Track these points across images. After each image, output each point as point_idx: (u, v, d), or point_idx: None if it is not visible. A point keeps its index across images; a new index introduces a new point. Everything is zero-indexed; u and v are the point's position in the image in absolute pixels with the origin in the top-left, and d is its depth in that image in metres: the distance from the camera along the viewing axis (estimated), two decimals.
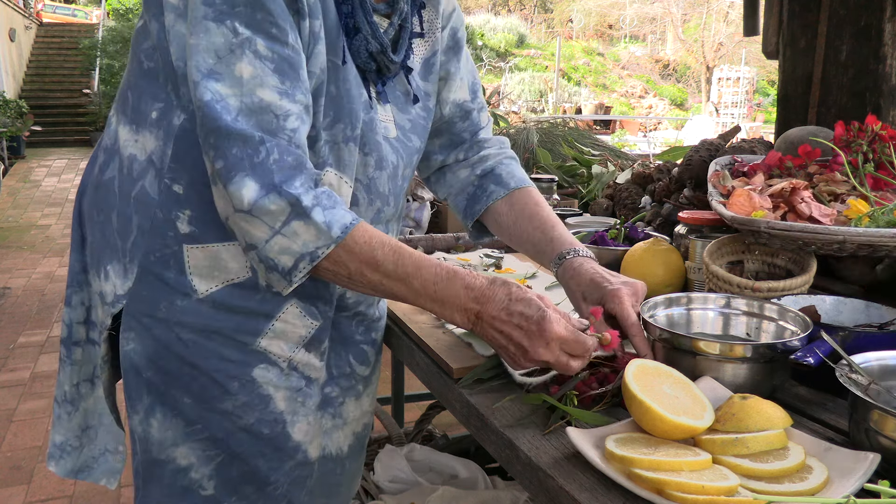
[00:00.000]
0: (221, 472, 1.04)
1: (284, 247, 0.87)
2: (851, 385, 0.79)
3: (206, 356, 0.99)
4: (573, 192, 2.45)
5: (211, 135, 0.86)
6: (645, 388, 0.80)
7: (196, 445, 1.02)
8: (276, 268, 0.89)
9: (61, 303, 5.02)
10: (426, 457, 1.94)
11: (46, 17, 19.94)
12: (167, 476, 1.03)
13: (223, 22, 0.85)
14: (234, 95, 0.85)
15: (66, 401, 1.11)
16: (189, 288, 0.98)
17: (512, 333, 0.89)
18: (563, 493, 0.75)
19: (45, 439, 3.03)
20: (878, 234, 1.09)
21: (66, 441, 1.12)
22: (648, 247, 1.40)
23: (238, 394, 1.01)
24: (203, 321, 0.98)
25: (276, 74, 0.87)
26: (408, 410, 2.79)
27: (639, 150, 6.79)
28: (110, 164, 1.02)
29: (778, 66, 2.09)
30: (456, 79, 1.23)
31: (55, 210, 8.74)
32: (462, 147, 1.28)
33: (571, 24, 29.21)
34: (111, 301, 1.00)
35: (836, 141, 1.33)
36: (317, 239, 0.87)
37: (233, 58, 0.85)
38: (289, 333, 1.03)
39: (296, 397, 1.06)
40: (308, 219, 0.86)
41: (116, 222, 1.00)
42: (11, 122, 11.27)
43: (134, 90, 0.99)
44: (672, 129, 16.95)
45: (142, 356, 1.00)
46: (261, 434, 1.04)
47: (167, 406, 1.01)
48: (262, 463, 1.05)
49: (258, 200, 0.85)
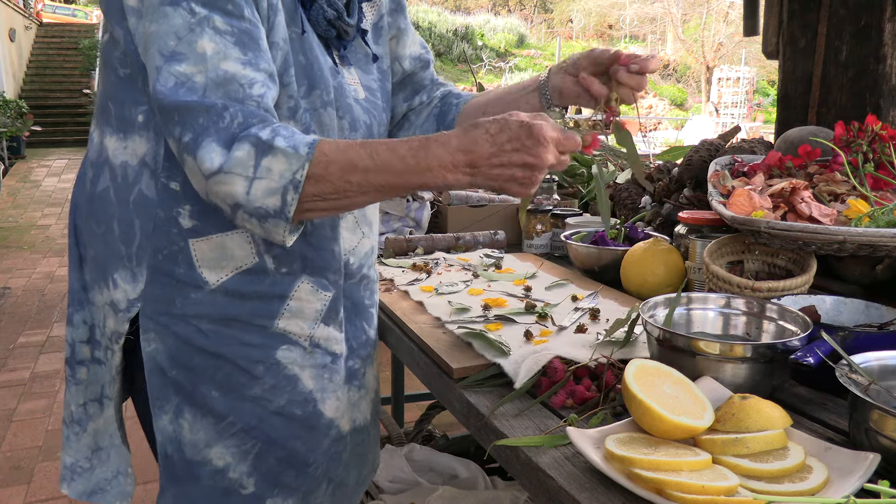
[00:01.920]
0: (259, 466, 1.05)
1: (265, 188, 0.86)
2: (851, 385, 0.79)
3: (227, 344, 1.00)
4: (573, 192, 2.45)
5: (175, 112, 0.86)
6: (645, 388, 0.80)
7: (230, 443, 1.03)
8: (269, 213, 0.88)
9: (61, 303, 5.02)
10: (426, 457, 1.94)
11: (46, 17, 19.94)
12: (205, 478, 1.04)
13: (179, 4, 0.86)
14: (200, 72, 0.86)
15: (74, 421, 1.11)
16: (200, 280, 0.99)
17: (512, 159, 0.87)
18: (563, 493, 0.75)
19: (45, 439, 3.03)
20: (878, 234, 1.09)
21: (75, 462, 1.12)
22: (648, 247, 1.40)
23: (264, 377, 1.03)
24: (219, 311, 1.00)
25: (237, 47, 0.88)
26: (408, 410, 2.79)
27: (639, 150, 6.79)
28: (101, 177, 1.03)
29: (778, 66, 2.09)
30: (408, 33, 1.27)
31: (55, 210, 8.75)
32: (424, 91, 1.32)
33: (571, 24, 29.21)
34: (125, 307, 1.00)
35: (836, 141, 1.33)
36: (290, 164, 0.86)
37: (193, 36, 0.86)
38: (305, 310, 1.05)
39: (322, 374, 1.08)
40: (273, 149, 0.86)
41: (118, 230, 1.01)
42: (11, 122, 11.28)
43: (114, 100, 1.00)
44: (672, 129, 16.95)
45: (164, 355, 1.01)
46: (293, 416, 1.05)
47: (196, 406, 1.02)
48: (299, 445, 1.06)
49: (227, 156, 0.85)
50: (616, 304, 1.33)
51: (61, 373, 3.78)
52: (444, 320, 1.24)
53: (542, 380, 0.98)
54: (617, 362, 1.00)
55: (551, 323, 1.22)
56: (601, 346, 1.07)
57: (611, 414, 0.91)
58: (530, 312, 1.26)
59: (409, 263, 1.61)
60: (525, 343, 1.12)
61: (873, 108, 1.80)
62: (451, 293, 1.40)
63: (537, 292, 1.41)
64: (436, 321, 1.25)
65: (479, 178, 0.89)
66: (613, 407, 0.92)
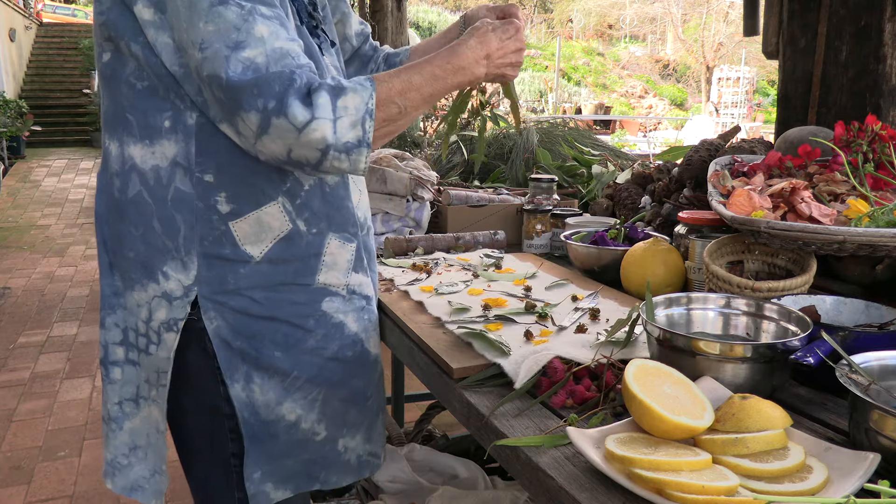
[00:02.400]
0: (326, 411, 1.19)
1: (347, 123, 1.01)
2: (851, 385, 0.79)
3: (279, 306, 1.13)
4: (573, 192, 2.45)
5: (253, 87, 0.98)
6: (645, 388, 0.80)
7: (297, 396, 1.16)
8: (353, 144, 1.02)
9: (61, 303, 5.03)
10: (426, 457, 1.94)
11: (46, 17, 19.93)
12: (282, 433, 1.16)
13: (228, 2, 0.99)
14: (260, 53, 0.99)
15: (111, 419, 1.20)
16: (246, 256, 1.11)
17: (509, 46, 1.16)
18: (563, 493, 0.75)
19: (45, 439, 3.03)
20: (878, 234, 1.09)
21: (114, 458, 1.21)
22: (648, 247, 1.40)
23: (316, 329, 1.17)
24: (267, 279, 1.13)
25: (282, 28, 1.03)
26: (408, 410, 2.79)
27: (639, 150, 6.79)
28: (130, 184, 1.11)
29: (778, 66, 2.09)
30: (350, 15, 1.46)
31: (55, 210, 8.74)
32: (371, 60, 1.52)
33: (571, 24, 29.21)
34: (181, 294, 1.11)
35: (836, 141, 1.33)
36: (361, 97, 1.02)
37: (248, 25, 0.99)
38: (338, 262, 1.19)
39: (362, 316, 1.23)
40: (344, 89, 1.01)
41: (160, 227, 1.10)
42: (11, 122, 11.27)
43: (135, 111, 1.09)
44: (672, 129, 16.94)
45: (227, 330, 1.12)
46: (346, 358, 1.20)
47: (262, 369, 1.14)
48: (357, 382, 1.21)
49: (312, 107, 0.99)
50: (616, 304, 1.33)
51: (61, 373, 3.78)
52: (444, 320, 1.24)
53: (542, 380, 0.98)
54: (617, 362, 1.00)
55: (551, 323, 1.22)
56: (601, 347, 1.07)
57: (611, 414, 0.91)
58: (530, 312, 1.26)
59: (409, 263, 1.61)
60: (525, 343, 1.12)
61: (873, 108, 1.80)
62: (451, 293, 1.40)
63: (537, 292, 1.41)
64: (436, 321, 1.25)
65: (490, 69, 1.15)
66: (613, 407, 0.92)
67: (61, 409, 3.34)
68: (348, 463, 1.23)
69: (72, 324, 4.59)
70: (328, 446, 1.20)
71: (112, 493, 2.62)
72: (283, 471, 1.18)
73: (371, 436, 1.26)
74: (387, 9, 5.71)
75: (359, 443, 1.24)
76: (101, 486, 2.66)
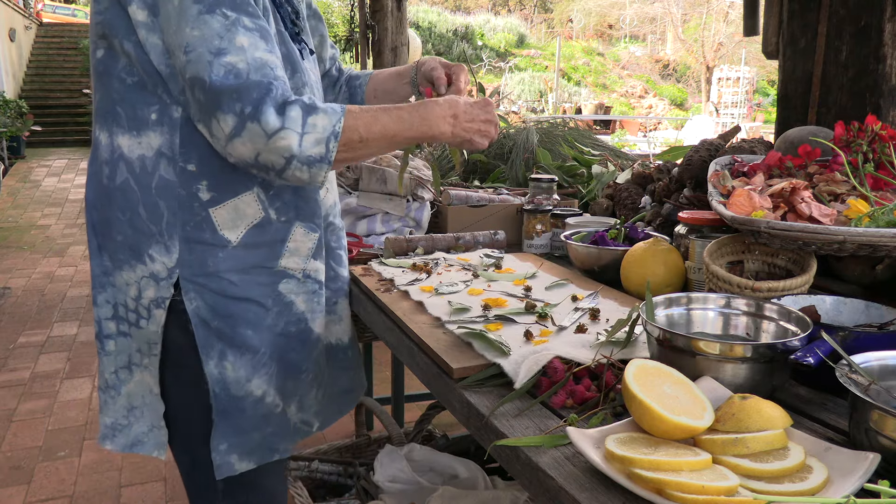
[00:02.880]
0: (279, 384, 1.28)
1: (313, 139, 1.10)
2: (851, 385, 0.79)
3: (251, 287, 1.23)
4: (573, 192, 2.45)
5: (233, 92, 1.06)
6: (645, 388, 0.80)
7: (262, 372, 1.25)
8: (316, 160, 1.11)
9: (61, 303, 5.03)
10: (426, 457, 1.94)
11: (46, 17, 19.94)
12: (249, 408, 1.25)
13: (214, 12, 1.07)
14: (241, 60, 1.07)
15: (109, 387, 1.29)
16: (224, 240, 1.20)
17: (479, 115, 1.25)
18: (563, 493, 0.75)
19: (45, 439, 3.03)
20: (878, 234, 1.09)
21: (115, 421, 1.30)
22: (648, 247, 1.40)
23: (272, 308, 1.26)
24: (241, 262, 1.22)
25: (262, 40, 1.10)
26: (408, 410, 2.80)
27: (639, 150, 6.79)
28: (117, 171, 1.19)
29: (778, 66, 2.09)
30: (327, 38, 1.56)
31: (55, 210, 8.75)
32: (338, 82, 1.64)
33: (571, 24, 29.20)
34: (166, 275, 1.19)
35: (836, 141, 1.32)
36: (330, 119, 1.11)
37: (231, 34, 1.08)
38: (300, 249, 1.29)
39: (312, 298, 1.32)
40: (317, 110, 1.10)
41: (145, 213, 1.18)
42: (11, 122, 11.27)
43: (124, 104, 1.17)
44: (672, 129, 16.93)
45: (206, 310, 1.21)
46: (290, 333, 1.29)
47: (235, 346, 1.22)
48: (294, 356, 1.30)
49: (283, 117, 1.07)
50: (616, 304, 1.33)
51: (61, 373, 3.78)
52: (444, 320, 1.24)
53: (542, 380, 0.98)
54: (617, 362, 1.00)
55: (551, 323, 1.22)
56: (601, 347, 1.07)
57: (611, 414, 0.91)
58: (530, 312, 1.26)
59: (409, 263, 1.61)
60: (525, 343, 1.12)
61: (873, 108, 1.80)
62: (451, 293, 1.40)
63: (537, 292, 1.41)
64: (436, 321, 1.25)
65: (457, 129, 1.22)
66: (613, 407, 0.92)
67: (61, 409, 3.34)
68: (293, 428, 1.32)
69: (72, 324, 4.59)
70: (283, 417, 1.29)
71: (112, 493, 2.62)
72: (249, 443, 1.26)
73: (303, 405, 1.34)
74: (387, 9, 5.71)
75: (293, 411, 1.33)
76: (102, 486, 2.66)
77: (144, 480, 2.70)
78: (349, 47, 15.98)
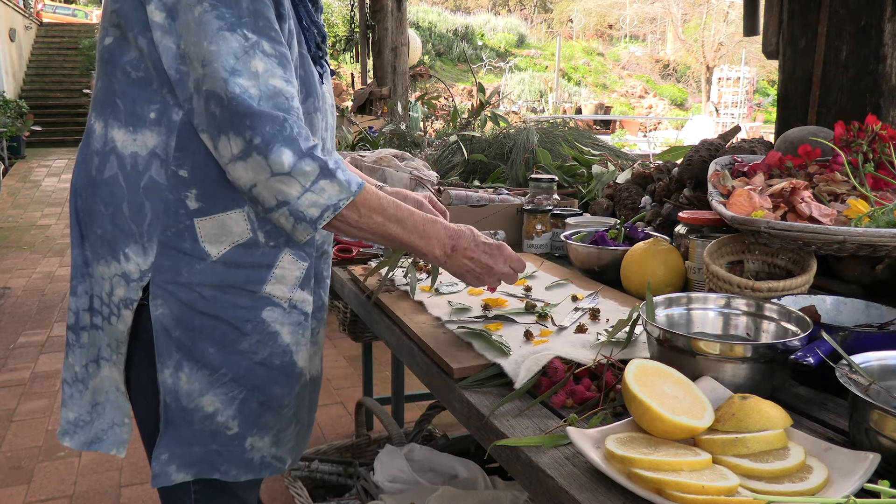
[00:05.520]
0: (243, 410, 1.23)
1: (313, 201, 1.07)
2: (851, 385, 0.79)
3: (224, 307, 1.18)
4: (573, 192, 2.45)
5: (246, 118, 1.04)
6: (645, 388, 0.80)
7: (220, 391, 1.21)
8: (305, 219, 1.09)
9: (61, 303, 5.02)
10: (426, 457, 1.94)
11: (46, 17, 19.94)
12: (196, 422, 1.21)
13: (235, 31, 1.05)
14: (254, 86, 1.05)
15: (77, 380, 1.27)
16: (204, 253, 1.16)
17: (480, 258, 1.21)
18: (563, 493, 0.75)
19: (45, 439, 3.03)
20: (878, 234, 1.09)
21: (78, 417, 1.27)
22: (648, 247, 1.40)
23: (252, 334, 1.21)
24: (218, 278, 1.17)
25: (279, 67, 1.08)
26: (408, 410, 2.79)
27: (639, 150, 6.79)
28: (107, 164, 1.16)
29: (778, 66, 2.09)
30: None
31: (55, 210, 8.75)
32: None
33: (571, 24, 29.20)
34: (137, 277, 1.16)
35: (836, 141, 1.33)
36: (339, 193, 1.08)
37: (248, 57, 1.05)
38: (287, 277, 1.23)
39: (297, 330, 1.27)
40: (333, 178, 1.08)
41: (128, 211, 1.15)
42: (11, 122, 11.27)
43: (125, 98, 1.14)
44: (672, 129, 16.94)
45: (170, 318, 1.17)
46: (273, 365, 1.24)
47: (193, 360, 1.19)
48: (277, 389, 1.25)
49: (296, 164, 1.05)
50: (616, 304, 1.33)
51: (61, 373, 3.78)
52: (444, 320, 1.24)
53: (542, 380, 0.98)
54: (617, 362, 1.00)
55: (551, 323, 1.22)
56: (601, 347, 1.07)
57: (611, 414, 0.91)
58: (530, 312, 1.26)
59: (409, 263, 1.61)
60: (525, 343, 1.12)
61: (873, 108, 1.80)
62: (451, 293, 1.40)
63: (537, 292, 1.41)
64: (436, 321, 1.25)
65: (451, 260, 1.21)
66: (613, 407, 0.92)
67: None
68: (251, 461, 1.27)
69: None
70: (236, 442, 1.25)
71: (112, 494, 2.62)
72: (189, 456, 1.23)
73: (280, 440, 1.30)
74: (387, 9, 5.71)
75: (266, 445, 1.28)
76: (101, 486, 2.66)
77: (144, 480, 2.70)
78: (349, 47, 15.97)
